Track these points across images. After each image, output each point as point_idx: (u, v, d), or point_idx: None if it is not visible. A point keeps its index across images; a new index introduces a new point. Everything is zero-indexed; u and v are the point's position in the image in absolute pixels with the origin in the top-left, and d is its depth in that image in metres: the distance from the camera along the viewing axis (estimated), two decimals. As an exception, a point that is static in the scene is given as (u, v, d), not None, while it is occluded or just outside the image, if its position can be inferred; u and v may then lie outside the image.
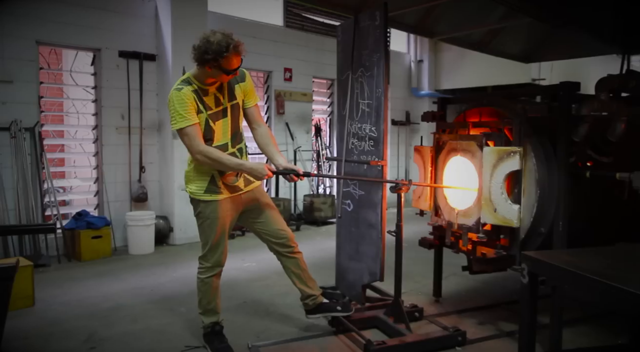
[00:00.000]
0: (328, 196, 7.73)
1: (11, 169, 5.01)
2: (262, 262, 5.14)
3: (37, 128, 5.17)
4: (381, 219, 3.29)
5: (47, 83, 5.64)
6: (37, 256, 4.93)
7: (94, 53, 5.72)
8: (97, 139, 5.77)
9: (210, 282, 2.98)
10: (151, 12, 6.01)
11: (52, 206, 5.34)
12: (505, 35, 4.96)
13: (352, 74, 3.61)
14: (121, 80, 5.79)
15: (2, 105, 4.96)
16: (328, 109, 8.58)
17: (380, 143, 3.33)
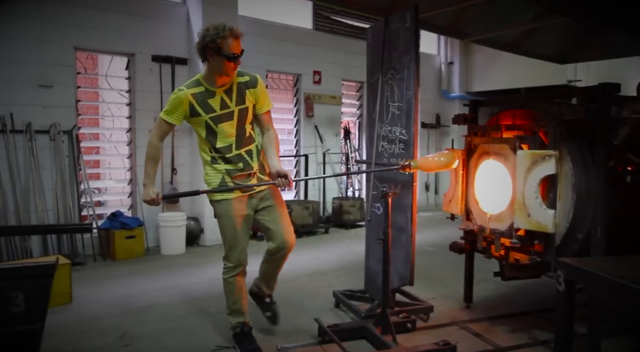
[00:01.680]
0: (357, 198, 7.70)
1: (50, 170, 5.19)
2: (291, 264, 5.13)
3: (75, 131, 5.34)
4: (411, 223, 3.27)
5: (84, 87, 5.81)
6: (74, 255, 5.08)
7: (128, 58, 5.87)
8: (130, 142, 5.92)
9: (233, 281, 3.00)
10: (183, 16, 6.13)
11: (88, 207, 5.50)
12: (539, 36, 4.86)
13: (382, 77, 3.60)
14: (154, 84, 5.92)
15: (43, 109, 5.14)
16: (357, 111, 8.56)
17: (410, 146, 3.30)
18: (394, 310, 3.39)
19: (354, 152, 8.23)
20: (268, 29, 7.01)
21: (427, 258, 5.21)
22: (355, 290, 3.85)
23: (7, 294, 1.87)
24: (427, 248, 5.72)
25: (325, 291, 4.15)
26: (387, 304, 3.13)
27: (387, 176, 3.53)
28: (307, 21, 7.63)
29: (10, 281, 1.85)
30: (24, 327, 1.90)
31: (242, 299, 3.04)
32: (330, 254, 5.72)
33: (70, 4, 5.26)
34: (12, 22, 4.93)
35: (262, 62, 6.95)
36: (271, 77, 7.35)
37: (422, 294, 3.81)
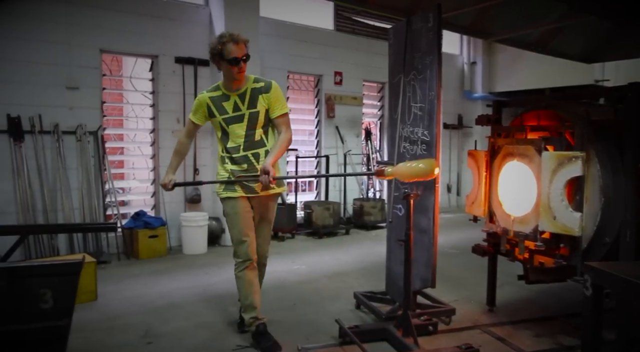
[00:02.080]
0: (378, 200, 7.67)
1: (76, 170, 5.30)
2: (312, 265, 5.18)
3: (100, 132, 5.44)
4: (433, 224, 3.24)
5: (109, 89, 5.92)
6: (99, 253, 5.18)
7: (152, 59, 5.96)
8: (154, 142, 6.01)
9: (243, 275, 3.12)
10: (205, 18, 6.19)
11: (113, 206, 5.60)
12: (565, 35, 4.76)
13: (404, 77, 3.57)
14: (177, 85, 6.00)
15: (70, 110, 5.25)
16: (378, 112, 8.53)
17: (432, 147, 3.27)
18: (415, 312, 3.36)
19: (375, 153, 8.19)
20: (289, 30, 7.04)
21: (449, 260, 5.15)
22: (376, 291, 3.83)
23: (36, 290, 1.91)
24: (448, 250, 5.66)
25: (345, 292, 4.14)
26: (409, 306, 3.10)
27: (409, 177, 3.50)
28: (328, 22, 7.63)
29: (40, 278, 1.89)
30: (52, 323, 1.94)
31: (253, 293, 3.13)
32: (350, 255, 5.70)
33: (96, 7, 5.37)
34: (41, 26, 5.05)
35: (284, 63, 6.99)
36: (292, 78, 7.37)
37: (444, 297, 3.77)
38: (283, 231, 6.42)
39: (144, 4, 5.71)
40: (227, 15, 5.98)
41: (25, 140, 4.98)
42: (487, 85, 9.56)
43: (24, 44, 4.98)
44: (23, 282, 1.91)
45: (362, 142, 8.12)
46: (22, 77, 4.98)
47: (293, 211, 6.64)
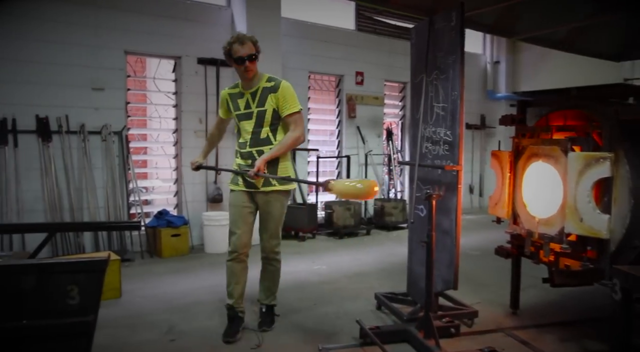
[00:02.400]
0: (399, 200, 7.62)
1: (102, 170, 5.41)
2: (332, 265, 5.17)
3: (124, 132, 5.54)
4: (456, 226, 3.20)
5: (133, 90, 6.02)
6: (123, 251, 5.27)
7: (175, 60, 6.03)
8: (177, 142, 6.08)
9: (229, 265, 3.33)
10: (227, 19, 6.25)
11: (137, 205, 5.69)
12: (593, 33, 4.65)
13: (426, 77, 3.54)
14: (199, 86, 6.06)
15: (95, 111, 5.36)
16: (400, 112, 8.48)
17: (455, 147, 3.24)
18: (437, 314, 3.33)
19: (396, 154, 8.15)
20: (310, 30, 7.05)
21: (471, 262, 5.09)
22: (397, 292, 3.81)
23: (64, 287, 1.95)
24: (471, 252, 5.59)
25: (366, 292, 4.13)
26: (430, 307, 3.08)
27: (431, 178, 3.48)
28: (349, 22, 7.62)
29: (67, 275, 1.93)
30: (78, 319, 1.98)
31: (234, 284, 3.31)
32: (371, 255, 5.68)
33: (122, 10, 5.46)
34: (69, 29, 5.16)
35: (305, 63, 7.00)
36: (313, 78, 7.38)
37: (466, 299, 3.72)
38: (304, 230, 6.43)
39: (167, 6, 5.79)
40: (249, 16, 6.01)
41: (53, 140, 5.10)
42: (510, 85, 9.41)
43: (53, 47, 5.10)
44: (51, 278, 1.95)
45: (383, 142, 8.08)
46: (50, 79, 5.10)
47: (314, 211, 6.65)
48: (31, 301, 1.93)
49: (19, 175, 4.93)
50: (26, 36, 4.95)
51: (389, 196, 8.07)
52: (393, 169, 8.16)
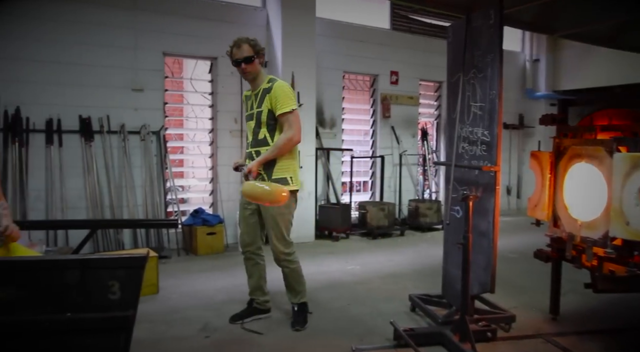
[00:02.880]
0: (434, 201, 7.52)
1: (140, 168, 5.55)
2: (366, 266, 5.15)
3: (162, 132, 5.67)
4: (493, 227, 3.13)
5: (170, 90, 6.16)
6: (160, 249, 5.40)
7: (211, 61, 6.14)
8: (212, 142, 6.18)
9: (244, 261, 3.54)
10: (263, 20, 6.31)
11: (173, 203, 5.82)
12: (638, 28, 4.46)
13: (463, 76, 3.48)
14: (235, 86, 6.14)
15: (134, 111, 5.51)
16: (435, 112, 8.36)
17: (493, 148, 3.17)
18: (473, 317, 3.26)
19: (431, 154, 8.05)
20: (345, 30, 7.04)
21: (509, 265, 4.97)
22: (431, 294, 3.76)
23: (105, 282, 2.01)
24: (508, 254, 5.46)
25: (400, 294, 4.09)
26: (466, 310, 3.02)
27: (468, 179, 3.41)
28: (384, 21, 7.57)
29: (108, 271, 1.99)
30: (118, 314, 2.03)
31: (248, 278, 3.56)
32: (405, 256, 5.63)
33: (160, 13, 5.60)
34: (110, 32, 5.33)
35: (339, 63, 7.00)
36: (348, 78, 7.37)
37: (503, 303, 3.63)
38: (337, 230, 6.43)
39: (204, 8, 5.90)
40: (284, 16, 6.06)
41: (95, 140, 5.28)
42: (550, 84, 9.13)
43: (96, 49, 5.28)
44: (94, 273, 2.01)
45: (418, 142, 7.99)
46: (93, 81, 5.28)
47: (347, 211, 6.64)
48: (74, 295, 2.00)
49: (63, 174, 5.12)
50: (70, 40, 5.14)
51: (424, 197, 7.98)
52: (428, 170, 8.06)
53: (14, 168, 4.87)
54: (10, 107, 4.87)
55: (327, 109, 6.94)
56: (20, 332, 2.01)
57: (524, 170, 9.21)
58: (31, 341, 2.03)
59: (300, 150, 6.12)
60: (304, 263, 5.18)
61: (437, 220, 7.14)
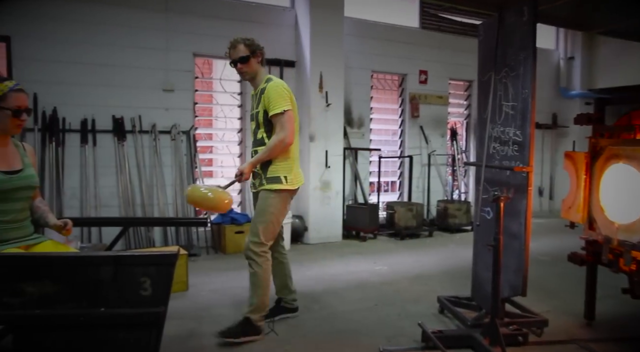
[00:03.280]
0: (463, 202, 7.41)
1: (171, 167, 5.65)
2: (393, 266, 5.11)
3: (192, 131, 5.76)
4: (525, 229, 3.06)
5: (200, 90, 6.24)
6: (190, 246, 5.48)
7: (241, 62, 6.19)
8: (241, 142, 6.25)
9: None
10: (291, 20, 6.33)
11: (203, 202, 5.89)
12: (681, 24, 4.29)
13: (494, 75, 3.41)
14: (264, 87, 6.18)
15: (165, 111, 5.61)
16: (465, 111, 8.24)
17: (525, 148, 3.09)
18: (503, 321, 3.20)
19: (460, 154, 7.93)
20: (373, 29, 7.01)
21: (541, 268, 4.86)
22: (461, 296, 3.70)
23: (138, 278, 2.05)
24: (540, 257, 5.33)
25: (428, 295, 4.05)
26: (497, 313, 2.96)
27: (499, 179, 3.35)
28: (413, 20, 7.50)
29: (141, 267, 2.03)
30: (150, 310, 2.07)
31: (273, 278, 3.50)
32: (433, 258, 5.56)
33: (191, 14, 5.69)
34: (142, 33, 5.45)
35: (367, 62, 6.97)
36: (376, 78, 7.33)
37: (535, 306, 3.55)
38: (365, 231, 6.40)
39: (233, 9, 5.96)
40: (313, 16, 6.07)
41: (127, 139, 5.40)
42: (586, 82, 8.87)
43: (129, 51, 5.40)
44: (127, 270, 2.06)
45: (447, 142, 7.88)
46: (125, 81, 5.40)
47: (375, 211, 6.60)
48: (108, 291, 2.05)
49: (97, 172, 5.26)
50: (105, 42, 5.28)
51: (452, 197, 7.87)
52: (457, 170, 7.94)
53: (51, 167, 5.04)
54: (47, 108, 5.03)
55: (355, 108, 6.92)
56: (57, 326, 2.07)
57: (556, 171, 8.98)
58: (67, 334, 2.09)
59: (328, 150, 6.21)
60: (331, 262, 5.20)
61: (467, 221, 7.03)
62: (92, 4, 5.20)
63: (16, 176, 2.38)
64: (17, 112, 2.34)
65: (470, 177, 8.15)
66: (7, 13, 4.86)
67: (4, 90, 2.30)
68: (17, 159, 2.45)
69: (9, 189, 2.33)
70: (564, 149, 8.02)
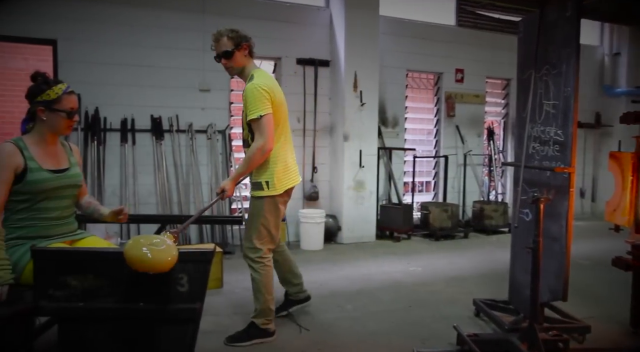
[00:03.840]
0: (500, 203, 7.25)
1: (207, 166, 5.75)
2: (427, 267, 5.05)
3: (227, 131, 5.84)
4: (566, 232, 2.96)
5: (236, 90, 6.31)
6: (225, 244, 5.57)
7: (275, 61, 6.25)
8: (276, 141, 6.28)
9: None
10: (326, 20, 6.33)
11: (237, 200, 5.97)
12: None
13: (535, 73, 3.31)
14: (298, 86, 6.21)
15: (202, 111, 5.72)
16: (502, 110, 8.05)
17: (567, 148, 2.99)
18: (542, 326, 3.10)
19: (497, 154, 7.75)
20: (409, 27, 6.93)
21: (582, 272, 4.69)
22: (497, 300, 3.62)
23: (175, 275, 2.10)
24: (581, 261, 5.15)
25: (463, 297, 3.97)
26: (536, 318, 2.88)
27: (538, 180, 3.25)
28: (449, 18, 7.37)
29: (178, 264, 2.07)
30: (187, 305, 2.12)
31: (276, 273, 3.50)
32: (469, 260, 5.46)
33: (227, 15, 5.76)
34: (180, 35, 5.56)
35: (402, 61, 6.90)
36: (411, 77, 7.25)
37: (576, 312, 3.42)
38: (399, 231, 6.34)
39: (268, 9, 6.01)
40: (347, 16, 6.05)
41: (165, 139, 5.53)
42: (632, 79, 8.49)
43: (167, 52, 5.53)
44: (165, 266, 2.10)
45: (483, 142, 7.72)
46: (163, 82, 5.53)
47: (409, 212, 6.53)
48: (147, 286, 2.10)
49: (136, 170, 5.40)
50: (144, 43, 5.42)
51: (489, 198, 7.70)
52: (494, 170, 7.77)
53: (93, 165, 5.21)
54: (90, 108, 5.21)
55: (390, 108, 6.87)
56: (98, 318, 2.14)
57: (600, 172, 8.66)
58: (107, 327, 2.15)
59: (362, 149, 6.18)
60: (365, 262, 5.18)
61: (503, 222, 6.87)
62: (134, 7, 5.36)
63: (63, 175, 2.47)
64: (70, 113, 2.42)
65: (507, 177, 7.95)
66: (53, 18, 5.05)
67: (59, 93, 2.39)
68: (64, 158, 2.54)
69: (55, 187, 2.42)
70: (607, 149, 7.73)
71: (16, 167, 2.29)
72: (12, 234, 2.34)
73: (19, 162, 2.30)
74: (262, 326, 3.14)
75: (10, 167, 2.28)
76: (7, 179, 2.27)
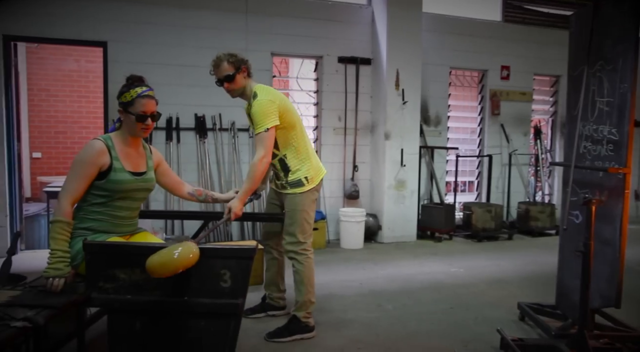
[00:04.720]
0: (547, 204, 7.00)
1: (248, 164, 5.82)
2: (470, 269, 4.94)
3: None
4: (620, 236, 2.82)
5: (277, 89, 6.37)
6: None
7: (316, 60, 6.26)
8: (317, 139, 6.31)
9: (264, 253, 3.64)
10: (368, 18, 6.29)
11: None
12: None
13: (587, 69, 3.17)
14: (339, 84, 6.21)
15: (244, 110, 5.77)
16: (551, 108, 7.77)
17: (622, 147, 2.85)
18: (593, 333, 2.98)
19: (544, 154, 7.50)
20: (452, 24, 6.79)
21: (637, 279, 4.47)
22: (544, 304, 3.49)
23: (218, 270, 2.14)
24: (635, 267, 4.91)
25: (507, 301, 3.87)
26: (585, 325, 2.76)
27: (590, 181, 3.11)
28: (495, 13, 7.17)
29: (221, 260, 2.11)
30: (229, 301, 2.15)
31: (265, 271, 3.58)
32: (513, 262, 5.30)
33: (269, 14, 5.83)
34: (224, 34, 5.66)
35: (446, 58, 6.78)
36: (455, 74, 7.10)
37: (631, 321, 3.26)
38: (440, 231, 6.24)
39: (311, 8, 6.03)
40: (390, 13, 5.99)
41: (208, 137, 5.64)
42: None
43: (211, 52, 5.56)
44: (209, 262, 2.15)
45: (530, 141, 7.48)
46: (207, 81, 5.58)
47: (451, 212, 6.41)
48: (191, 281, 2.15)
49: (180, 168, 5.54)
50: (189, 43, 5.55)
51: (535, 199, 7.45)
52: (540, 170, 7.51)
53: (140, 162, 5.37)
54: (137, 106, 5.37)
55: (432, 106, 6.76)
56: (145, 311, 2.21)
57: (656, 173, 8.24)
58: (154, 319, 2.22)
59: (404, 148, 6.11)
60: (405, 262, 5.13)
61: (550, 225, 6.64)
62: (181, 9, 5.50)
63: (140, 178, 2.55)
64: (140, 117, 2.48)
65: (555, 178, 7.68)
66: (104, 20, 5.25)
67: (133, 96, 2.48)
68: (143, 161, 2.63)
69: (132, 189, 2.50)
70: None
71: (102, 166, 2.38)
72: (83, 224, 2.42)
73: (105, 161, 2.40)
74: (303, 320, 3.17)
75: (96, 165, 2.37)
76: (90, 175, 2.36)
